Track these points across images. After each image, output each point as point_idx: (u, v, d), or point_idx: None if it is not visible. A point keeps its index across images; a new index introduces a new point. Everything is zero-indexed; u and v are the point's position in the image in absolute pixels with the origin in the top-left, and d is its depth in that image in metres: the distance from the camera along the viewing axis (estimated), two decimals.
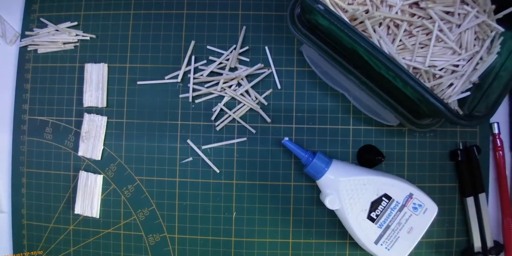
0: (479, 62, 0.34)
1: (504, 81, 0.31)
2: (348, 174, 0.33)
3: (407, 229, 0.32)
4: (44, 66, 0.40)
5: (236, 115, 0.38)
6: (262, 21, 0.39)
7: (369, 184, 0.33)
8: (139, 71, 0.40)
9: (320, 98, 0.39)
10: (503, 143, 0.38)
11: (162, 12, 0.40)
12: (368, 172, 0.34)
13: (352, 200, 0.33)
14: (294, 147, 0.35)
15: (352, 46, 0.30)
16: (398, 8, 0.33)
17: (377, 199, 0.32)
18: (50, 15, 0.41)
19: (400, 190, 0.32)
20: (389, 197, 0.32)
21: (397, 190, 0.32)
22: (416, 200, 0.32)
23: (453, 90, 0.34)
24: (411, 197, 0.32)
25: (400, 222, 0.32)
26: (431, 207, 0.32)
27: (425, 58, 0.33)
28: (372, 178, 0.33)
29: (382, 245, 0.32)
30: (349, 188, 0.33)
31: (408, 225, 0.32)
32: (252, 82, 0.38)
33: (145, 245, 0.38)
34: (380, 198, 0.33)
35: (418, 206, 0.32)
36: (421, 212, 0.32)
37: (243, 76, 0.38)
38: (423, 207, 0.32)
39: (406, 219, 0.32)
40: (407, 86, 0.29)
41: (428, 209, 0.32)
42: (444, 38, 0.34)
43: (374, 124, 0.38)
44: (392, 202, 0.32)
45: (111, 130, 0.39)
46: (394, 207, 0.32)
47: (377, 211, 0.32)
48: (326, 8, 0.29)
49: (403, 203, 0.32)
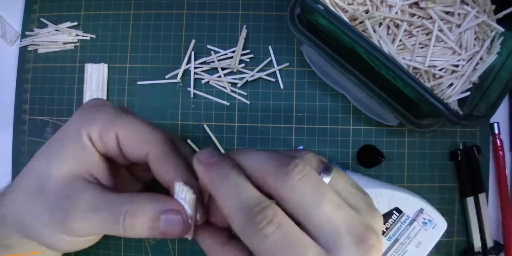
0: (479, 62, 0.34)
1: (504, 81, 0.31)
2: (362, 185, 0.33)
3: (416, 243, 0.32)
4: (44, 66, 0.40)
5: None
6: (262, 21, 0.39)
7: (380, 197, 0.33)
8: (139, 71, 0.40)
9: (320, 98, 0.39)
10: (503, 143, 0.38)
11: (162, 12, 0.40)
12: (380, 184, 0.34)
13: None
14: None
15: (352, 46, 0.30)
16: (398, 8, 0.34)
17: (388, 212, 0.32)
18: (50, 15, 0.41)
19: (411, 205, 0.32)
20: (400, 211, 0.32)
21: (408, 204, 0.32)
22: (426, 215, 0.32)
23: (453, 90, 0.34)
24: (422, 212, 0.32)
25: (409, 236, 0.32)
26: (441, 223, 0.32)
27: (425, 58, 0.33)
28: (385, 191, 0.33)
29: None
30: None
31: (416, 239, 0.32)
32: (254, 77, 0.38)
33: (145, 245, 0.38)
34: (391, 211, 0.32)
35: (428, 222, 0.32)
36: (430, 227, 0.32)
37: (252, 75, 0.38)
38: (432, 223, 0.32)
39: (415, 234, 0.32)
40: (407, 86, 0.29)
41: (437, 224, 0.32)
42: (444, 38, 0.34)
43: (374, 124, 0.38)
44: (402, 216, 0.32)
45: None
46: (404, 221, 0.32)
47: (387, 224, 0.32)
48: (326, 8, 0.29)
49: (413, 217, 0.32)
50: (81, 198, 0.22)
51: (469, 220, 0.37)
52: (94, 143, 0.24)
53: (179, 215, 0.21)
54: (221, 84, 0.38)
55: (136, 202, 0.22)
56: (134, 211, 0.21)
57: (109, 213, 0.22)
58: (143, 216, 0.21)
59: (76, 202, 0.22)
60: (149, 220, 0.21)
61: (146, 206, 0.22)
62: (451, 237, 0.37)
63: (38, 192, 0.23)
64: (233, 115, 0.39)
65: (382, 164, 0.38)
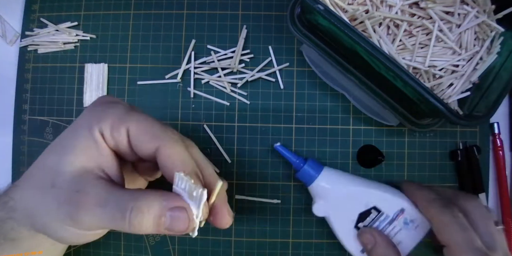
0: (479, 62, 0.34)
1: (504, 81, 0.31)
2: (338, 183, 0.33)
3: (396, 242, 0.31)
4: (44, 66, 0.40)
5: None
6: (262, 21, 0.39)
7: (358, 195, 0.32)
8: (139, 71, 0.40)
9: (320, 98, 0.39)
10: (503, 143, 0.38)
11: (162, 12, 0.40)
12: (360, 182, 0.33)
13: (340, 209, 0.33)
14: (286, 153, 0.35)
15: (352, 46, 0.30)
16: (398, 8, 0.34)
17: (365, 211, 0.32)
18: (50, 15, 0.41)
19: (391, 205, 0.32)
20: (379, 210, 0.32)
21: (388, 204, 0.32)
22: (407, 216, 0.32)
23: (453, 90, 0.34)
24: (403, 212, 0.32)
25: (389, 235, 0.32)
26: (423, 224, 0.31)
27: (425, 58, 0.33)
28: (363, 190, 0.33)
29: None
30: (337, 197, 0.33)
31: (396, 238, 0.32)
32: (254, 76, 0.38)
33: (145, 245, 0.38)
34: (369, 210, 0.32)
35: (410, 222, 0.32)
36: (412, 228, 0.31)
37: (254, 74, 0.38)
38: (414, 223, 0.31)
39: (395, 233, 0.32)
40: (407, 86, 0.29)
41: (419, 225, 0.31)
42: (444, 38, 0.34)
43: (374, 124, 0.38)
44: (381, 215, 0.32)
45: None
46: (383, 220, 0.32)
47: (365, 222, 0.32)
48: (326, 8, 0.29)
49: (393, 217, 0.32)
50: (90, 192, 0.22)
51: None
52: (106, 139, 0.24)
53: (184, 212, 0.22)
54: (221, 84, 0.38)
55: (143, 198, 0.22)
56: (140, 207, 0.22)
57: (116, 208, 0.22)
58: (149, 212, 0.22)
59: (85, 196, 0.22)
60: (155, 217, 0.22)
61: (152, 203, 0.22)
62: None
63: (49, 185, 0.23)
64: (233, 115, 0.39)
65: (382, 164, 0.38)
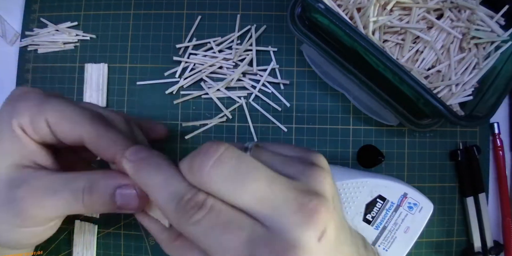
0: (478, 67, 0.34)
1: (504, 82, 0.31)
2: (341, 178, 0.33)
3: (404, 229, 0.32)
4: (44, 66, 0.40)
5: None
6: (262, 21, 0.39)
7: (362, 187, 0.32)
8: (139, 71, 0.40)
9: (320, 98, 0.39)
10: (503, 143, 0.38)
11: (162, 12, 0.40)
12: (360, 174, 0.34)
13: (347, 203, 0.33)
14: None
15: (352, 45, 0.30)
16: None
17: (371, 201, 0.32)
18: (50, 15, 0.41)
19: (394, 191, 0.32)
20: (384, 198, 0.32)
21: (391, 190, 0.32)
22: (411, 199, 0.32)
23: (453, 92, 0.34)
24: (406, 196, 0.32)
25: (397, 222, 0.32)
26: (427, 205, 0.32)
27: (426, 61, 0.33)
28: (365, 180, 0.33)
29: (380, 246, 0.32)
30: (342, 191, 0.33)
31: (404, 224, 0.32)
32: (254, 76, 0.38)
33: (145, 245, 0.38)
34: (374, 199, 0.32)
35: (414, 205, 0.32)
36: (417, 211, 0.32)
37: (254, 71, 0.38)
38: (418, 206, 0.32)
39: (402, 219, 0.32)
40: (407, 86, 0.29)
41: (423, 207, 0.32)
42: (438, 54, 0.34)
43: (374, 124, 0.38)
44: (387, 203, 0.32)
45: None
46: (390, 208, 0.32)
47: (372, 213, 0.32)
48: (327, 7, 0.29)
49: (398, 203, 0.32)
50: (34, 185, 0.22)
51: (469, 220, 0.37)
52: (27, 133, 0.23)
53: (132, 189, 0.22)
54: (222, 90, 0.38)
55: (92, 179, 0.22)
56: (90, 187, 0.22)
57: (68, 193, 0.22)
58: (100, 192, 0.22)
59: (29, 190, 0.22)
60: (105, 195, 0.22)
61: (101, 182, 0.22)
62: (451, 237, 0.37)
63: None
64: (233, 115, 0.39)
65: (382, 164, 0.38)
